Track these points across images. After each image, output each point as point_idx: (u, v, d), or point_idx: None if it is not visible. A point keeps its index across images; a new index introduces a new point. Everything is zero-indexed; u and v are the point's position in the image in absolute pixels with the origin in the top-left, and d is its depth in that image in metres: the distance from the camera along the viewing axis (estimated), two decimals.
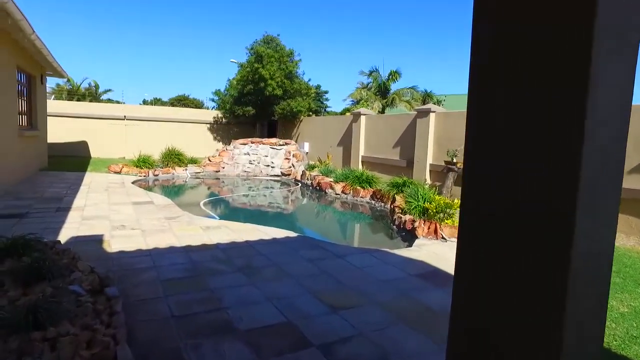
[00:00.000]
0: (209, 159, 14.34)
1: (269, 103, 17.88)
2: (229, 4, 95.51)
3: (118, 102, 38.00)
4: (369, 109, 17.74)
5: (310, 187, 11.71)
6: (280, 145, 14.57)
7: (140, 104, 38.68)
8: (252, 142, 14.66)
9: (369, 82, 23.84)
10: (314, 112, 20.33)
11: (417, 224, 6.36)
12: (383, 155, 12.75)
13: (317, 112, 21.75)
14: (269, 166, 14.42)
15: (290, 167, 14.13)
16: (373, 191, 9.59)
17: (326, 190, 10.63)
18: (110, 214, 6.68)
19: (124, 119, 18.65)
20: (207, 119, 20.79)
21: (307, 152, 16.38)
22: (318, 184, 11.18)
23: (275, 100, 17.69)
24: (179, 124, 19.79)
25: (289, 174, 13.83)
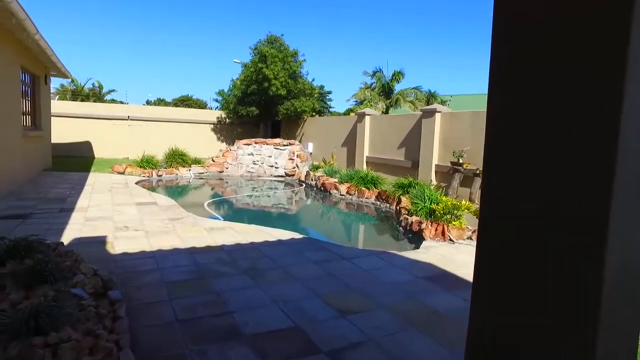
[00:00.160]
0: (212, 160, 14.29)
1: (273, 103, 17.82)
2: (231, 5, 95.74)
3: (122, 102, 38.06)
4: (372, 109, 17.63)
5: (315, 188, 11.63)
6: (284, 145, 14.50)
7: (144, 104, 38.73)
8: (255, 143, 14.60)
9: (372, 82, 23.76)
10: (317, 112, 20.25)
11: (424, 225, 6.27)
12: (388, 155, 12.65)
13: (320, 113, 21.66)
14: (272, 167, 14.36)
15: (294, 167, 14.06)
16: (378, 192, 9.50)
17: (331, 191, 10.54)
18: (113, 214, 6.63)
19: (127, 119, 18.66)
20: (210, 119, 20.76)
21: (311, 153, 16.30)
22: (322, 184, 11.09)
23: (279, 101, 17.62)
24: (183, 124, 19.76)
25: (293, 175, 13.76)
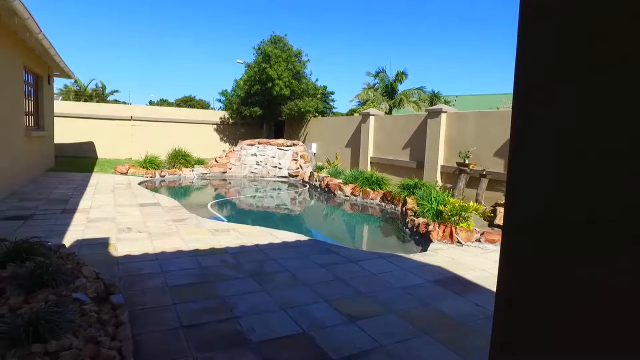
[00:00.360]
0: (215, 160, 14.21)
1: (276, 103, 17.72)
2: (233, 5, 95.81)
3: (125, 103, 38.03)
4: (376, 109, 17.52)
5: (319, 189, 11.53)
6: (288, 146, 14.40)
7: (147, 104, 38.69)
8: (259, 143, 14.52)
9: (375, 82, 23.63)
10: (320, 113, 20.15)
11: (431, 227, 6.16)
12: (392, 156, 12.53)
13: (323, 113, 21.56)
14: (276, 167, 14.27)
15: (298, 168, 13.96)
16: (383, 193, 9.39)
17: (335, 192, 10.44)
18: (116, 216, 6.55)
19: (130, 120, 18.61)
20: (213, 119, 20.68)
21: (314, 153, 16.20)
22: (327, 185, 10.99)
23: (283, 101, 17.52)
24: (186, 125, 19.70)
25: (297, 175, 13.66)
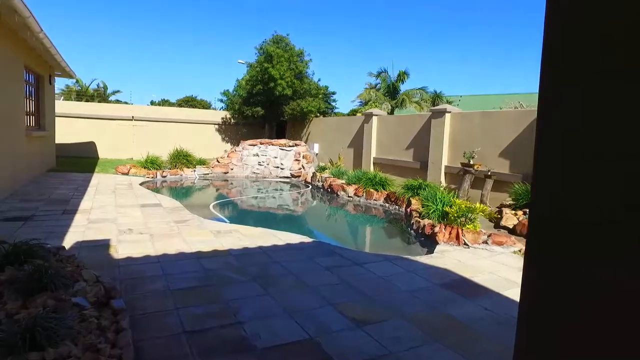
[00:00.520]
0: (217, 160, 14.13)
1: (279, 103, 17.62)
2: (234, 5, 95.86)
3: (126, 103, 37.97)
4: (379, 109, 17.41)
5: (322, 189, 11.43)
6: (290, 146, 14.31)
7: (148, 105, 38.64)
8: (261, 143, 14.43)
9: (377, 83, 23.51)
10: (322, 113, 20.05)
11: (437, 229, 6.05)
12: (395, 156, 12.43)
13: (324, 113, 21.47)
14: (278, 167, 14.18)
15: (300, 168, 13.87)
16: (387, 194, 9.29)
17: (338, 193, 10.34)
18: (117, 216, 6.46)
19: (132, 120, 18.54)
20: (215, 119, 20.61)
21: (316, 154, 16.10)
22: (330, 186, 10.89)
23: (285, 101, 17.43)
24: (187, 125, 19.63)
25: (299, 176, 13.57)
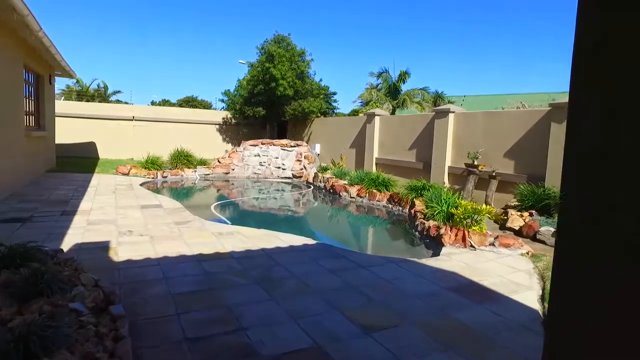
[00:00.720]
0: (218, 161, 14.03)
1: (280, 103, 17.51)
2: (235, 5, 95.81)
3: (127, 103, 37.89)
4: (380, 110, 17.31)
5: (324, 190, 11.32)
6: (292, 146, 14.21)
7: (149, 105, 38.54)
8: (262, 144, 14.33)
9: (378, 83, 23.40)
10: (323, 113, 19.94)
11: (442, 230, 5.94)
12: (398, 157, 12.32)
13: (325, 114, 21.36)
14: (279, 168, 14.07)
15: (302, 169, 13.76)
16: (390, 194, 9.17)
17: (340, 194, 10.23)
18: (117, 218, 6.35)
19: (132, 120, 18.44)
20: (216, 119, 20.50)
21: (318, 154, 16.00)
22: (332, 186, 10.78)
23: (286, 101, 17.31)
24: (188, 125, 19.53)
25: (301, 176, 13.46)
